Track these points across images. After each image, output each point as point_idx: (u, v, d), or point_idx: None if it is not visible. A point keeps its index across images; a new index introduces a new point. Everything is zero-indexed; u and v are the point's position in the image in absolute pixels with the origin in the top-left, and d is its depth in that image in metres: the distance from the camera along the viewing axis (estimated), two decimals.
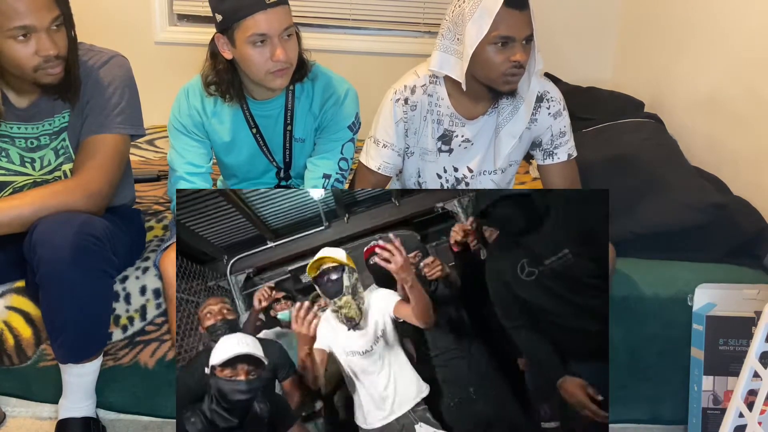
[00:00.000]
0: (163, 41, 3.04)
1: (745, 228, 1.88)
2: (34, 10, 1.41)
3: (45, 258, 1.45)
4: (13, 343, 1.72)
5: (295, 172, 1.83)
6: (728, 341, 1.74)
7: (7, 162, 1.62)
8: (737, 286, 1.76)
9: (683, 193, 1.93)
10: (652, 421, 1.86)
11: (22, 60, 1.46)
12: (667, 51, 2.56)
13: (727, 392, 1.73)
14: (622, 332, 1.76)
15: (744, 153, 2.05)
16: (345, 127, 1.73)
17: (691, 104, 2.37)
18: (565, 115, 1.71)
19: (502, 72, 1.54)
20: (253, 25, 1.53)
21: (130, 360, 1.74)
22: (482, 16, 1.49)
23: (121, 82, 1.63)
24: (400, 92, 1.68)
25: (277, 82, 1.60)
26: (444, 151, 1.73)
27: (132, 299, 1.73)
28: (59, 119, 1.62)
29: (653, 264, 1.85)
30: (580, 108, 2.41)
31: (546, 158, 1.73)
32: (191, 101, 1.71)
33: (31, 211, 1.49)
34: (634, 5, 2.91)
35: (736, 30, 2.13)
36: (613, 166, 2.09)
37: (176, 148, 1.73)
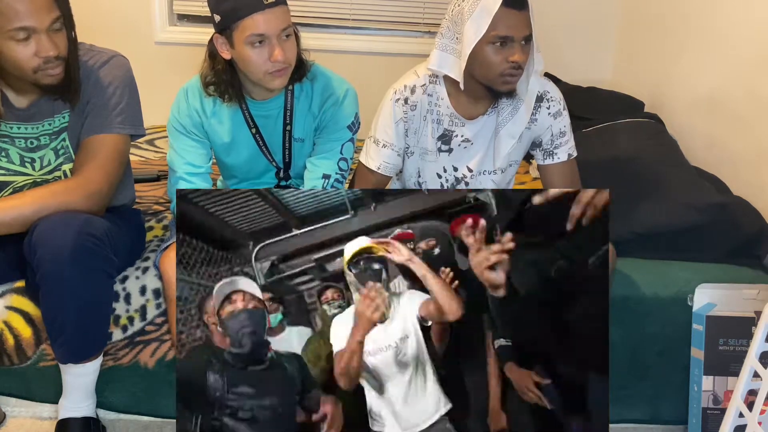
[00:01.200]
0: (163, 41, 3.04)
1: (745, 228, 1.87)
2: (34, 11, 1.41)
3: (45, 258, 1.45)
4: (13, 343, 1.72)
5: (294, 172, 1.83)
6: (728, 341, 1.74)
7: (7, 162, 1.63)
8: (737, 286, 1.76)
9: (683, 193, 1.93)
10: (652, 421, 1.86)
11: (22, 61, 1.46)
12: (667, 51, 2.56)
13: (727, 392, 1.73)
14: (622, 332, 1.76)
15: (744, 153, 2.05)
16: (344, 127, 1.73)
17: (691, 104, 2.37)
18: (565, 115, 1.71)
19: (500, 72, 1.54)
20: (251, 25, 1.53)
21: (130, 360, 1.74)
22: (481, 15, 1.49)
23: (121, 82, 1.63)
24: (400, 92, 1.68)
25: (275, 82, 1.60)
26: (444, 151, 1.73)
27: (132, 299, 1.74)
28: (59, 119, 1.62)
29: (653, 264, 1.85)
30: (580, 108, 2.41)
31: (546, 158, 1.73)
32: (190, 101, 1.71)
33: (32, 211, 1.49)
34: (634, 5, 2.91)
35: (736, 30, 2.13)
36: (613, 166, 2.09)
37: (176, 149, 1.73)
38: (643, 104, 2.57)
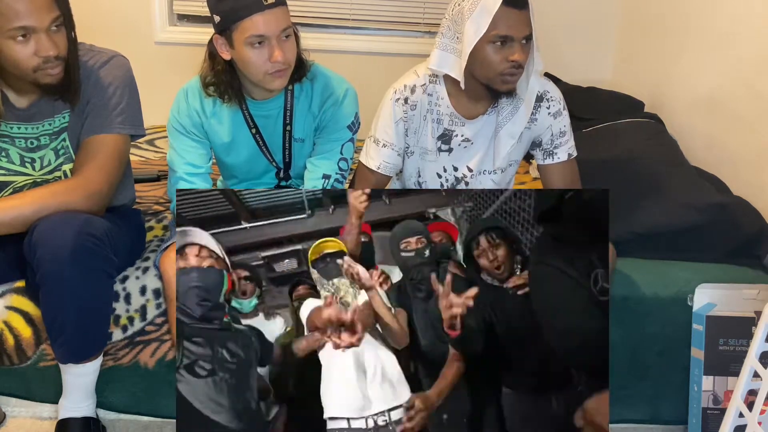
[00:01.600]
0: (163, 41, 3.04)
1: (745, 228, 1.87)
2: (33, 11, 1.41)
3: (45, 258, 1.45)
4: (13, 343, 1.72)
5: (294, 172, 1.83)
6: (728, 341, 1.74)
7: (7, 162, 1.63)
8: (737, 286, 1.76)
9: (683, 193, 1.93)
10: (652, 421, 1.86)
11: (22, 60, 1.46)
12: (667, 51, 2.56)
13: (727, 392, 1.73)
14: (622, 332, 1.76)
15: (744, 153, 2.05)
16: (344, 127, 1.73)
17: (691, 104, 2.37)
18: (565, 114, 1.71)
19: (500, 71, 1.54)
20: (251, 26, 1.53)
21: (130, 360, 1.74)
22: (481, 14, 1.49)
23: (122, 82, 1.63)
24: (400, 92, 1.68)
25: (275, 83, 1.60)
26: (444, 151, 1.73)
27: (132, 299, 1.73)
28: (59, 119, 1.62)
29: (653, 264, 1.85)
30: (580, 108, 2.42)
31: (546, 158, 1.73)
32: (190, 102, 1.71)
33: (32, 210, 1.49)
34: (634, 5, 2.91)
35: (736, 30, 2.13)
36: (613, 166, 2.09)
37: (176, 149, 1.73)
38: (643, 104, 2.57)
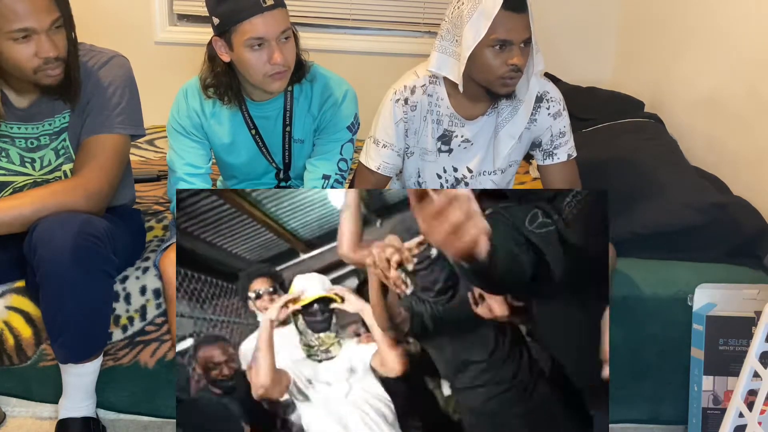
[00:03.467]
0: (163, 41, 3.04)
1: (745, 228, 1.87)
2: (34, 12, 1.41)
3: (45, 258, 1.45)
4: (13, 343, 1.72)
5: (294, 173, 1.83)
6: (728, 341, 1.74)
7: (7, 162, 1.63)
8: (737, 286, 1.76)
9: (683, 193, 1.93)
10: (652, 421, 1.86)
11: (22, 61, 1.46)
12: (667, 51, 2.56)
13: (727, 392, 1.73)
14: (622, 332, 1.75)
15: (744, 153, 2.05)
16: (344, 128, 1.73)
17: (691, 104, 2.37)
18: (564, 115, 1.71)
19: (499, 75, 1.54)
20: (250, 28, 1.52)
21: (130, 360, 1.74)
22: (480, 18, 1.49)
23: (122, 82, 1.63)
24: (400, 92, 1.68)
25: (275, 85, 1.60)
26: (444, 152, 1.73)
27: (132, 299, 1.74)
28: (59, 119, 1.63)
29: (653, 264, 1.85)
30: (580, 108, 2.41)
31: (546, 158, 1.73)
32: (190, 102, 1.71)
33: (32, 210, 1.49)
34: (634, 5, 2.91)
35: (736, 30, 2.13)
36: (613, 166, 2.08)
37: (175, 149, 1.73)
38: (643, 104, 2.57)
